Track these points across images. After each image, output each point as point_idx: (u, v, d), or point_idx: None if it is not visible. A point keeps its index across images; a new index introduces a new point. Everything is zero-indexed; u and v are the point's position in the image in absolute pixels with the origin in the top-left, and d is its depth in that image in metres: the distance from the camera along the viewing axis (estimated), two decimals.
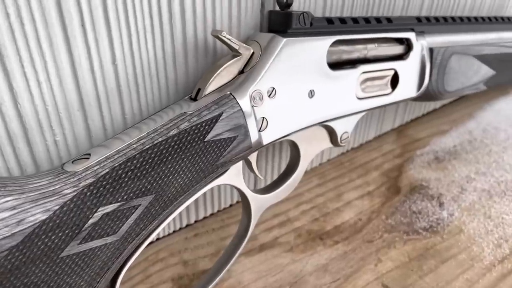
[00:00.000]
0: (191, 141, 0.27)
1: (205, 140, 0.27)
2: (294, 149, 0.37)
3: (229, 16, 0.31)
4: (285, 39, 0.30)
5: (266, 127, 0.31)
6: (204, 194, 0.40)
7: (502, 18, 0.51)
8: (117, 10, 0.26)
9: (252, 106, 0.29)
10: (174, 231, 0.40)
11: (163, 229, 0.39)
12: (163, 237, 0.39)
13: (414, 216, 0.44)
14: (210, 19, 0.30)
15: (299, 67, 0.32)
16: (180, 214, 0.39)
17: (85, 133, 0.29)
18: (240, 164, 0.32)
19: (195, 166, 0.27)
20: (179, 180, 0.27)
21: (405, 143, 0.57)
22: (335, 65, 0.35)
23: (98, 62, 0.27)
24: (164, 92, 0.31)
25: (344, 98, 0.36)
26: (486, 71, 0.49)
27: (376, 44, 0.37)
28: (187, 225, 0.41)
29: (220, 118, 0.28)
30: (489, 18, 0.49)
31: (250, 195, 0.34)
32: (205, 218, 0.42)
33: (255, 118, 0.30)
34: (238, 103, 0.29)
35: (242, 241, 0.34)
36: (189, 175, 0.27)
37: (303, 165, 0.37)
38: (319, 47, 0.32)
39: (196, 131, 0.27)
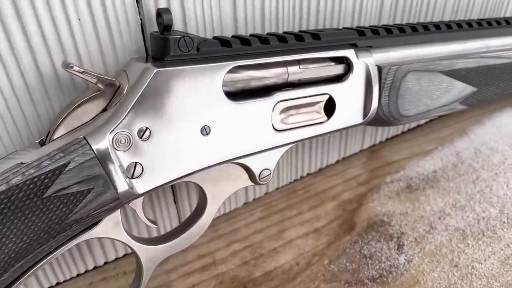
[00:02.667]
0: (24, 198, 0.23)
1: (44, 196, 0.23)
2: (200, 191, 0.32)
3: (97, 41, 0.26)
4: (156, 70, 0.25)
5: (142, 173, 0.26)
6: None
7: (489, 23, 0.43)
8: None
9: (115, 151, 0.25)
10: (78, 275, 0.36)
11: (64, 272, 0.35)
12: (65, 281, 0.35)
13: (364, 261, 0.38)
14: (70, 47, 0.26)
15: (183, 101, 0.26)
16: (82, 255, 0.35)
17: None
18: (118, 213, 0.27)
19: (32, 227, 0.23)
20: (9, 245, 0.23)
21: (375, 167, 0.50)
22: (242, 94, 0.29)
23: None
24: (25, 133, 0.27)
25: (256, 132, 0.30)
26: (462, 89, 0.41)
27: (300, 67, 0.31)
28: (94, 267, 0.36)
29: (66, 169, 0.23)
30: (469, 24, 0.41)
31: (137, 247, 0.29)
32: (117, 259, 0.38)
33: (121, 165, 0.25)
34: (93, 149, 0.24)
35: None
36: (24, 238, 0.23)
37: (211, 210, 0.32)
38: (208, 77, 0.27)
39: (31, 186, 0.23)
